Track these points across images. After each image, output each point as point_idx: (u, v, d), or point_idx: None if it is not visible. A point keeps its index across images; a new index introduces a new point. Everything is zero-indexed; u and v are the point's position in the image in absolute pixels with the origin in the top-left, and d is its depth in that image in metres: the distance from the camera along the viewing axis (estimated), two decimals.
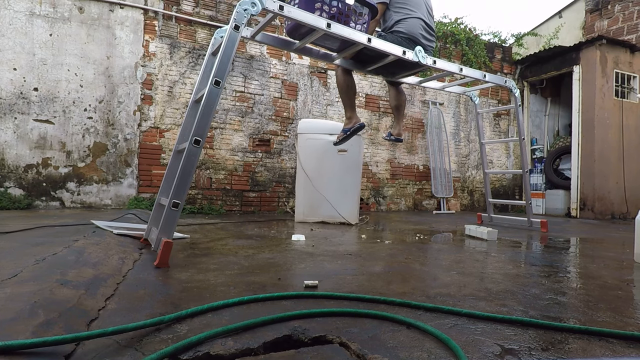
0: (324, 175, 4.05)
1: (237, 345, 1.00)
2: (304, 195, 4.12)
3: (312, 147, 4.09)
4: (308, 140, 4.11)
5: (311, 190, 4.06)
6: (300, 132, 4.16)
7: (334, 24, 2.36)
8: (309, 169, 4.08)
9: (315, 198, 4.06)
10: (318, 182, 4.04)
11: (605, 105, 6.43)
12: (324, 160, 4.05)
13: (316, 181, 4.05)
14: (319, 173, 4.05)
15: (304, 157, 4.12)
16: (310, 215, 4.12)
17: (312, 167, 4.07)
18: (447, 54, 6.74)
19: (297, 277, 1.73)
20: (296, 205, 4.23)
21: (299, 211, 4.17)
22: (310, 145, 4.10)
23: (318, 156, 4.06)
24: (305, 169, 4.10)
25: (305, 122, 4.26)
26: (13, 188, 4.19)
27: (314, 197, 4.05)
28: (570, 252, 2.86)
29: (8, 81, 4.17)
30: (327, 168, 4.06)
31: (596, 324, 1.25)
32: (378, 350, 0.99)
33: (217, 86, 2.03)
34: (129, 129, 4.66)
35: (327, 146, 4.00)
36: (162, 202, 2.27)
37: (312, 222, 4.06)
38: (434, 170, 6.57)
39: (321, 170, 4.06)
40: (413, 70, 3.22)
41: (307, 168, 4.09)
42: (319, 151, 4.05)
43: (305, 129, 4.15)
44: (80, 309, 1.16)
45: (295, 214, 4.21)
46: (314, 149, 4.07)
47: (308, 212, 4.13)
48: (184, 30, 4.94)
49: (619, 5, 7.68)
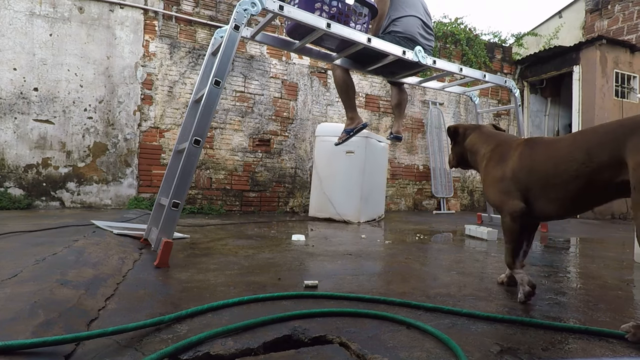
0: (332, 176, 4.35)
1: (237, 345, 1.00)
2: (317, 193, 4.49)
3: (324, 149, 4.42)
4: (322, 142, 4.46)
5: (322, 189, 4.42)
6: (318, 135, 4.59)
7: (333, 24, 2.36)
8: (321, 169, 4.44)
9: (325, 196, 4.39)
10: (328, 182, 4.35)
11: (605, 105, 6.43)
12: (333, 161, 4.36)
13: (326, 180, 4.36)
14: (329, 173, 4.37)
15: (318, 158, 4.53)
16: (320, 212, 4.44)
17: (323, 167, 4.44)
18: (447, 54, 6.74)
19: (297, 277, 1.73)
20: (310, 201, 4.67)
21: (312, 207, 4.58)
22: (322, 147, 4.45)
23: (329, 157, 4.38)
24: (317, 168, 4.48)
25: (323, 126, 4.68)
26: (13, 188, 4.18)
27: (324, 195, 4.40)
28: (570, 252, 2.86)
29: (8, 81, 4.17)
30: (335, 168, 4.34)
31: (596, 324, 1.25)
32: (378, 350, 0.99)
33: (217, 86, 2.03)
34: (129, 129, 4.66)
35: (337, 148, 4.13)
36: (162, 202, 2.27)
37: (322, 218, 4.38)
38: (434, 170, 6.57)
39: (331, 170, 4.36)
40: (413, 70, 3.22)
41: (320, 168, 4.45)
42: (329, 152, 4.33)
43: (322, 132, 4.54)
44: (80, 309, 1.16)
45: (310, 209, 4.64)
46: (326, 151, 4.38)
47: (319, 208, 4.46)
48: (184, 30, 4.94)
49: (619, 5, 7.68)
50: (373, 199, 4.49)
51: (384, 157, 4.86)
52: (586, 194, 1.36)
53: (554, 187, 1.42)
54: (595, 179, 1.30)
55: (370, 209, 4.45)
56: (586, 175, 1.32)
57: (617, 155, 1.24)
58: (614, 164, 1.25)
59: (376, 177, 4.55)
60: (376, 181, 4.56)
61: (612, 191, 1.31)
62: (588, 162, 1.31)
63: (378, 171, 4.61)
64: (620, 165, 1.24)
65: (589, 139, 1.34)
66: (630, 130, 1.22)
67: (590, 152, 1.30)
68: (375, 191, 4.53)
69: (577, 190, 1.36)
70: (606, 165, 1.27)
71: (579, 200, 1.39)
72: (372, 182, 4.42)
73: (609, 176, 1.27)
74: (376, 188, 4.58)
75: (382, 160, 4.80)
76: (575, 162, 1.34)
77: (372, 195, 4.45)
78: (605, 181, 1.29)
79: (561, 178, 1.39)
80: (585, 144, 1.33)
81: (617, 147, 1.24)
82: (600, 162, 1.28)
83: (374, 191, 4.48)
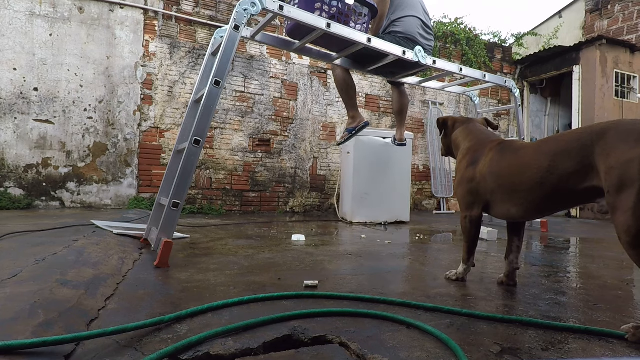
0: (340, 176, 4.71)
1: (237, 345, 1.00)
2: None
3: None
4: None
5: None
6: None
7: (333, 24, 2.35)
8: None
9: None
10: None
11: (605, 105, 6.43)
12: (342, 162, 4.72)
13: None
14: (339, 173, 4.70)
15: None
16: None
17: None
18: (447, 54, 6.74)
19: (297, 277, 1.73)
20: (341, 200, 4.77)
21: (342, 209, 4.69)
22: None
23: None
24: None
25: None
26: (13, 188, 4.18)
27: None
28: (570, 252, 2.86)
29: (8, 81, 4.17)
30: (341, 169, 4.71)
31: (596, 324, 1.25)
32: (378, 350, 0.99)
33: (217, 86, 2.03)
34: (129, 129, 4.66)
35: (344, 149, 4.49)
36: (162, 202, 2.27)
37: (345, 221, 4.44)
38: (434, 170, 6.56)
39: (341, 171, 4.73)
40: (413, 70, 3.22)
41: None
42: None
43: None
44: (80, 309, 1.16)
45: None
46: None
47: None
48: (184, 30, 4.94)
49: (619, 5, 7.67)
50: (375, 199, 4.28)
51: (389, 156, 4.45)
52: (550, 200, 1.40)
53: (519, 192, 1.47)
54: (560, 185, 1.33)
55: (374, 210, 4.25)
56: (551, 182, 1.35)
57: (583, 161, 1.26)
58: (580, 170, 1.27)
59: (382, 175, 4.31)
60: (382, 179, 4.31)
61: (576, 197, 1.34)
62: (553, 169, 1.34)
63: (385, 170, 4.34)
64: (586, 172, 1.26)
65: (554, 146, 1.36)
66: (597, 135, 1.24)
67: (555, 159, 1.33)
68: (379, 191, 4.30)
69: (542, 196, 1.40)
70: (571, 171, 1.29)
71: (543, 205, 1.44)
72: (373, 181, 4.28)
73: (573, 182, 1.30)
74: (381, 187, 4.31)
75: (387, 159, 4.41)
76: (540, 170, 1.38)
77: (374, 195, 4.28)
78: (569, 187, 1.31)
79: (527, 185, 1.43)
80: (550, 151, 1.36)
81: (584, 153, 1.26)
82: (565, 169, 1.31)
83: (376, 190, 4.28)
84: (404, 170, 4.46)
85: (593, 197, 1.29)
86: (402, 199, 4.43)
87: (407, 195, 4.48)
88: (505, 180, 1.53)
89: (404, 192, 4.45)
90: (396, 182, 4.37)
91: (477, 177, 1.65)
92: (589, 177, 1.26)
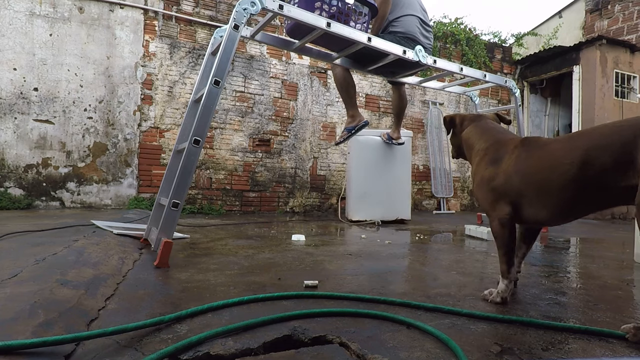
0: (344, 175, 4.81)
1: (237, 345, 1.00)
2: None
3: None
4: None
5: None
6: None
7: (333, 23, 2.35)
8: None
9: None
10: None
11: (605, 105, 6.42)
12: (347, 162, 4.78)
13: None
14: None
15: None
16: None
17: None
18: (447, 54, 6.74)
19: (297, 277, 1.73)
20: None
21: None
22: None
23: None
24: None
25: None
26: (13, 188, 4.18)
27: None
28: (570, 252, 2.86)
29: (8, 81, 4.17)
30: (347, 169, 4.77)
31: (596, 324, 1.25)
32: (378, 350, 0.99)
33: (216, 86, 2.02)
34: (129, 129, 4.66)
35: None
36: (162, 202, 2.27)
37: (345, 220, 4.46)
38: (434, 170, 6.56)
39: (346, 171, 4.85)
40: (413, 69, 3.21)
41: None
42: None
43: None
44: (80, 309, 1.16)
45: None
46: None
47: None
48: (184, 30, 4.94)
49: (619, 5, 7.68)
50: (373, 198, 4.32)
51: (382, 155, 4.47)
52: (583, 200, 1.26)
53: (550, 191, 1.31)
54: (595, 183, 1.20)
55: (372, 209, 4.29)
56: (585, 179, 1.22)
57: (624, 157, 1.14)
58: (618, 167, 1.15)
59: (383, 175, 4.32)
60: (382, 179, 4.32)
61: (612, 197, 1.21)
62: (588, 165, 1.20)
63: (385, 170, 4.34)
64: (625, 169, 1.14)
65: (588, 140, 1.23)
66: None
67: (591, 154, 1.20)
68: (380, 190, 4.32)
69: (574, 195, 1.26)
70: (609, 168, 1.16)
71: (574, 205, 1.30)
72: (374, 180, 4.31)
73: (611, 180, 1.17)
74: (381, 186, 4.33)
75: (388, 159, 4.41)
76: (573, 165, 1.24)
77: (371, 195, 4.30)
78: (605, 186, 1.19)
79: (558, 182, 1.28)
80: (584, 146, 1.23)
81: (625, 149, 1.13)
82: (602, 165, 1.17)
83: (372, 190, 4.32)
84: (404, 170, 4.47)
85: (629, 197, 1.16)
86: (403, 197, 4.45)
87: (408, 194, 4.50)
88: (533, 177, 1.36)
89: (405, 191, 4.47)
90: (397, 181, 4.39)
91: (501, 175, 1.46)
92: (627, 175, 1.13)
